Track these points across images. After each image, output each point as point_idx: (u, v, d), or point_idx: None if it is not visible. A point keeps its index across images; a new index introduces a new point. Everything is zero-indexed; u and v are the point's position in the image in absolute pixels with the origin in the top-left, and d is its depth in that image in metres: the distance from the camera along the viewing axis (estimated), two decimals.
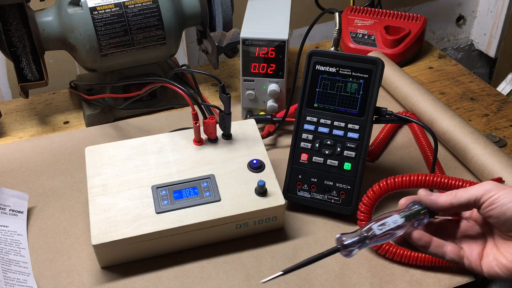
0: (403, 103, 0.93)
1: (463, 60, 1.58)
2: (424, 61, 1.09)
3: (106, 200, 0.67)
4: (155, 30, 0.85)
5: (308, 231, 0.72)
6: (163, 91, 0.93)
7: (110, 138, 0.88)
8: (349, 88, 0.71)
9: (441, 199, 0.58)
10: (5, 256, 0.66)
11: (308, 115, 0.73)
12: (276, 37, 0.82)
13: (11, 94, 1.11)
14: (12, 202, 0.73)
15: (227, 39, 0.86)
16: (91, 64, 0.85)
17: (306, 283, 0.65)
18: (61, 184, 0.79)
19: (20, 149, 0.86)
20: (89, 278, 0.66)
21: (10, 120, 0.94)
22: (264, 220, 0.69)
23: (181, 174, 0.70)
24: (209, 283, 0.65)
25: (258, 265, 0.67)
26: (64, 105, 0.97)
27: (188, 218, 0.66)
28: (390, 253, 0.66)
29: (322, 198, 0.73)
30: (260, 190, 0.68)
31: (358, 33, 1.07)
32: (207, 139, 0.75)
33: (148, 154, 0.73)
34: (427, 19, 1.11)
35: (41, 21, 0.82)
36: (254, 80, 0.86)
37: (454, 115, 0.84)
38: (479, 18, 1.51)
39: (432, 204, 0.58)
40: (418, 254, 0.65)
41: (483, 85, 1.01)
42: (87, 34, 0.82)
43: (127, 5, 0.83)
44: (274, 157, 0.82)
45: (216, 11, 0.89)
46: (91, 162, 0.72)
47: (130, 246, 0.65)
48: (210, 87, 1.02)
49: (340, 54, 0.71)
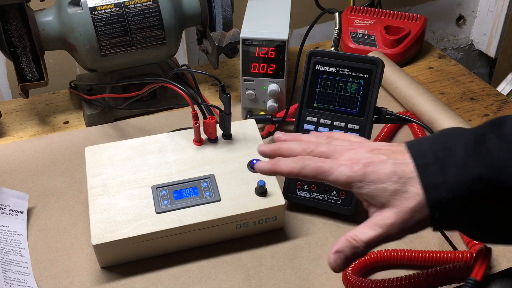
0: (403, 103, 0.93)
1: (463, 60, 1.58)
2: (424, 61, 1.09)
3: (106, 200, 0.67)
4: (155, 30, 0.85)
5: (308, 231, 0.72)
6: (163, 91, 0.93)
7: (110, 138, 0.88)
8: (349, 88, 0.71)
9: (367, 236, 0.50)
10: (5, 256, 0.66)
11: (308, 115, 0.73)
12: (276, 37, 0.82)
13: (11, 94, 1.11)
14: (12, 202, 0.73)
15: (227, 39, 0.86)
16: (91, 64, 0.85)
17: (306, 283, 0.65)
18: (61, 184, 0.79)
19: (20, 149, 0.86)
20: (89, 278, 0.66)
21: (10, 120, 0.94)
22: (264, 220, 0.69)
23: (181, 174, 0.70)
24: (209, 283, 0.65)
25: (258, 265, 0.67)
26: (64, 105, 0.97)
27: (188, 218, 0.66)
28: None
29: (322, 198, 0.72)
30: (260, 190, 0.68)
31: (358, 33, 1.07)
32: (207, 139, 0.75)
33: (148, 154, 0.73)
34: (427, 19, 1.11)
35: (41, 21, 0.82)
36: (254, 80, 0.86)
37: (454, 115, 0.84)
38: (479, 18, 1.51)
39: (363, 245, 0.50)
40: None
41: (483, 85, 1.01)
42: (87, 34, 0.82)
43: (127, 5, 0.83)
44: None
45: (216, 11, 0.89)
46: (91, 162, 0.72)
47: (130, 246, 0.65)
48: (210, 87, 1.02)
49: (340, 54, 0.71)
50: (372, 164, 0.49)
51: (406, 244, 0.69)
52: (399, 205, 0.48)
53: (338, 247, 0.50)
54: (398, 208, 0.48)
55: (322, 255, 0.68)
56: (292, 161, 0.53)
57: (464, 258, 0.64)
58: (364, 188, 0.49)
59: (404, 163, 0.48)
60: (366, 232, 0.49)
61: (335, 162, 0.51)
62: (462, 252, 0.65)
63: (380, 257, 0.66)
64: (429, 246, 0.69)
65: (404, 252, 0.66)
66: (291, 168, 0.53)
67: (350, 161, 0.50)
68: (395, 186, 0.48)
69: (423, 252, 0.65)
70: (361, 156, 0.51)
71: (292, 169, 0.53)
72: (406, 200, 0.48)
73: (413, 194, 0.47)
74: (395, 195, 0.48)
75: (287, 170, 0.53)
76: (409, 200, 0.47)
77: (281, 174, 0.54)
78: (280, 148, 0.56)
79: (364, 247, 0.49)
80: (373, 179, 0.49)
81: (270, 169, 0.55)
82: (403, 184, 0.48)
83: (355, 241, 0.49)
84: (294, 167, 0.53)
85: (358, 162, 0.50)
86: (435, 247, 0.69)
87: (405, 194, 0.48)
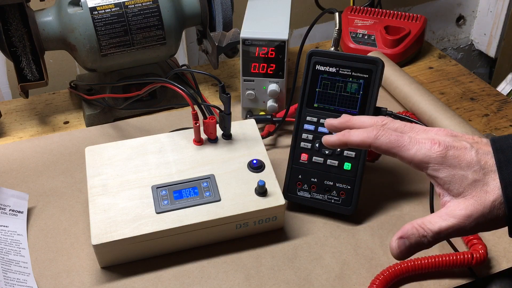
0: (403, 103, 0.93)
1: (463, 60, 1.58)
2: (424, 61, 1.09)
3: (106, 200, 0.67)
4: (155, 30, 0.85)
5: (308, 231, 0.72)
6: (163, 91, 0.93)
7: (110, 138, 0.88)
8: (349, 88, 0.71)
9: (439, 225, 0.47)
10: (5, 256, 0.66)
11: (308, 115, 0.73)
12: (276, 37, 0.82)
13: (11, 94, 1.11)
14: (12, 202, 0.73)
15: (227, 39, 0.86)
16: (91, 64, 0.85)
17: (306, 283, 0.65)
18: (61, 184, 0.79)
19: (20, 149, 0.86)
20: (89, 278, 0.66)
21: (10, 120, 0.94)
22: (264, 220, 0.69)
23: (181, 174, 0.70)
24: (209, 283, 0.65)
25: (258, 265, 0.67)
26: (64, 105, 0.97)
27: (188, 218, 0.66)
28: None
29: (322, 198, 0.73)
30: (260, 190, 0.68)
31: (358, 33, 1.07)
32: (207, 139, 0.75)
33: (148, 154, 0.73)
34: (427, 19, 1.11)
35: (41, 21, 0.82)
36: (254, 80, 0.86)
37: (454, 115, 0.84)
38: (479, 18, 1.51)
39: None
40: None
41: (483, 85, 1.01)
42: (87, 34, 0.82)
43: (127, 5, 0.83)
44: (274, 157, 0.82)
45: (216, 11, 0.89)
46: (91, 162, 0.72)
47: (130, 246, 0.65)
48: (210, 87, 1.02)
49: (340, 54, 0.71)
50: (454, 148, 0.46)
51: None
52: (478, 196, 0.45)
53: (403, 233, 0.46)
54: (477, 200, 0.45)
55: (322, 255, 0.68)
56: (365, 131, 0.49)
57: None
58: (441, 172, 0.46)
59: (489, 154, 0.46)
60: (436, 222, 0.46)
61: (413, 138, 0.48)
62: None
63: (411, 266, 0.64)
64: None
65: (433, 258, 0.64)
66: (364, 138, 0.49)
67: (430, 140, 0.47)
68: (476, 176, 0.45)
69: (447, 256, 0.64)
70: (442, 138, 0.47)
71: (365, 139, 0.49)
72: (487, 193, 0.45)
73: (494, 188, 0.44)
74: (475, 185, 0.45)
75: (359, 140, 0.49)
76: (489, 193, 0.45)
77: (352, 145, 0.50)
78: (351, 120, 0.53)
79: (432, 237, 0.46)
80: (453, 163, 0.46)
81: (339, 140, 0.51)
82: (484, 176, 0.45)
83: (423, 229, 0.46)
84: (368, 136, 0.49)
85: (439, 143, 0.47)
86: (435, 247, 0.68)
87: (485, 186, 0.45)
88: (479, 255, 0.64)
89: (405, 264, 0.64)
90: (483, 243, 0.66)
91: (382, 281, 0.62)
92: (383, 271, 0.64)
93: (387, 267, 0.64)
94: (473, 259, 0.64)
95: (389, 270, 0.63)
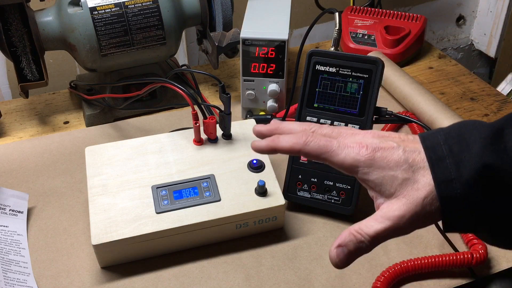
0: (403, 103, 0.93)
1: (463, 60, 1.58)
2: (424, 61, 1.09)
3: (106, 200, 0.67)
4: (155, 30, 0.85)
5: (308, 231, 0.72)
6: (163, 91, 0.93)
7: (110, 138, 0.88)
8: (349, 88, 0.71)
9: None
10: (5, 256, 0.66)
11: (308, 115, 0.73)
12: (276, 37, 0.82)
13: (11, 94, 1.11)
14: (12, 202, 0.73)
15: (227, 39, 0.86)
16: (91, 64, 0.85)
17: (306, 283, 0.65)
18: (61, 184, 0.79)
19: (20, 149, 0.86)
20: (89, 278, 0.66)
21: (10, 120, 0.94)
22: (264, 220, 0.69)
23: (181, 174, 0.70)
24: (209, 283, 0.65)
25: (258, 265, 0.67)
26: (64, 105, 0.97)
27: (188, 218, 0.66)
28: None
29: (322, 198, 0.73)
30: (260, 190, 0.68)
31: (358, 33, 1.07)
32: (207, 139, 0.75)
33: (148, 154, 0.73)
34: (427, 19, 1.11)
35: (41, 21, 0.82)
36: (254, 80, 0.86)
37: (454, 115, 0.84)
38: (479, 18, 1.51)
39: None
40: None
41: (483, 85, 1.01)
42: (87, 34, 0.82)
43: (127, 5, 0.83)
44: (274, 157, 0.82)
45: (216, 11, 0.89)
46: (91, 162, 0.72)
47: (130, 246, 0.65)
48: (210, 87, 1.02)
49: (340, 54, 0.71)
50: (381, 150, 0.46)
51: (406, 245, 0.69)
52: (409, 195, 0.45)
53: (341, 241, 0.46)
54: (408, 198, 0.45)
55: (322, 255, 0.68)
56: (294, 136, 0.49)
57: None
58: (371, 174, 0.46)
59: (416, 151, 0.46)
60: (372, 225, 0.45)
61: (342, 143, 0.47)
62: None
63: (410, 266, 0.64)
64: (429, 247, 0.69)
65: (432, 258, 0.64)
66: (293, 144, 0.48)
67: (357, 144, 0.47)
68: (405, 175, 0.45)
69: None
70: (369, 141, 0.47)
71: (294, 145, 0.48)
72: (417, 190, 0.44)
73: (425, 185, 0.44)
74: (405, 184, 0.45)
75: (288, 146, 0.48)
76: (420, 190, 0.44)
77: (281, 151, 0.49)
78: (279, 128, 0.52)
79: (370, 241, 0.45)
80: (381, 165, 0.46)
81: (268, 146, 0.50)
82: (413, 173, 0.45)
83: (360, 234, 0.45)
84: (297, 142, 0.48)
85: (367, 146, 0.46)
86: (435, 247, 0.69)
87: (416, 184, 0.45)
88: (479, 255, 0.64)
89: (405, 264, 0.64)
90: (483, 243, 0.66)
91: (384, 282, 0.62)
92: (383, 272, 0.64)
93: (388, 267, 0.64)
94: (473, 259, 0.64)
95: (390, 270, 0.63)
